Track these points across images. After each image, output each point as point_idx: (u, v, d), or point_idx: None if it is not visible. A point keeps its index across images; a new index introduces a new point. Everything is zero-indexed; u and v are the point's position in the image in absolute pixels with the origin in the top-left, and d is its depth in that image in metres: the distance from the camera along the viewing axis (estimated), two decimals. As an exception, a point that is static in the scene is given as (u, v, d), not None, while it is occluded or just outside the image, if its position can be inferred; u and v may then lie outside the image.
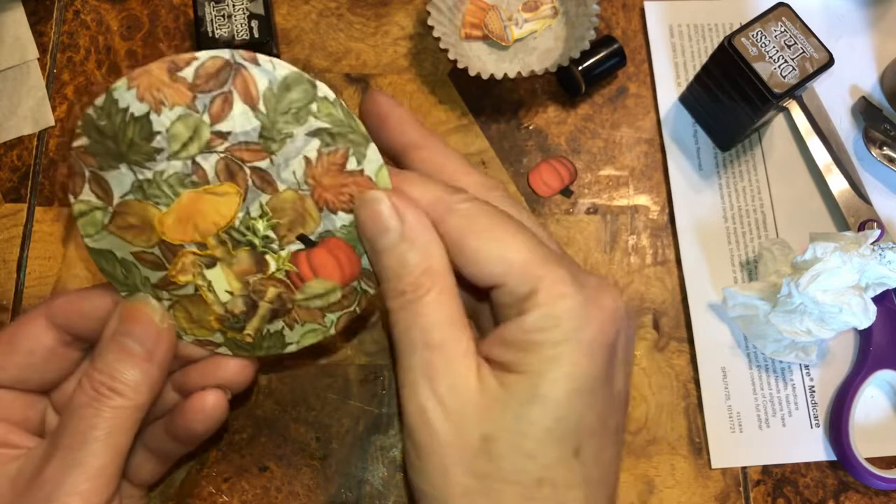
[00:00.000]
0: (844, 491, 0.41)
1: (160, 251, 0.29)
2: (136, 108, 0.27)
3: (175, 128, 0.27)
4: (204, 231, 0.29)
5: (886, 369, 0.42)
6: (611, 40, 0.46)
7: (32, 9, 0.48)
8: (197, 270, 0.29)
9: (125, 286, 0.30)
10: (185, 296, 0.30)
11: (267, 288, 0.30)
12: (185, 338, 0.31)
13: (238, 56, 0.27)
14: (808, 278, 0.38)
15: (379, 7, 0.49)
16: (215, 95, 0.27)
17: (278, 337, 0.31)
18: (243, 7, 0.44)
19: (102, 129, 0.28)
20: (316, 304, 0.30)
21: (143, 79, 0.27)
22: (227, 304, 0.30)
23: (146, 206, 0.29)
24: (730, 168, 0.46)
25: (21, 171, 0.45)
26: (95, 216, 0.29)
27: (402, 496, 0.40)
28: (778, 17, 0.41)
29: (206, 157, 0.28)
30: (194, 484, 0.40)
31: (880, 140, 0.46)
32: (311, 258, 0.29)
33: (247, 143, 0.28)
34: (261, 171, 0.28)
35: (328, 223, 0.29)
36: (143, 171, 0.28)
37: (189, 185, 0.28)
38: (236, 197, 0.29)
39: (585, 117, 0.47)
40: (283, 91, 0.27)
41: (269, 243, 0.29)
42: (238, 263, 0.29)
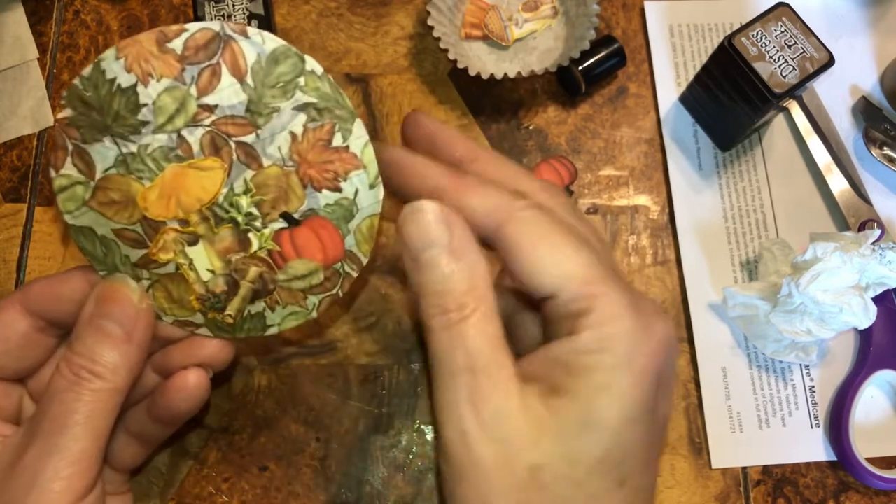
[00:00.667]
0: (844, 491, 0.41)
1: (141, 228, 0.29)
2: (124, 79, 0.27)
3: (162, 100, 0.27)
4: (187, 207, 0.28)
5: (886, 369, 0.42)
6: (611, 40, 0.46)
7: (32, 9, 0.48)
8: (178, 248, 0.29)
9: (104, 265, 0.29)
10: (166, 274, 0.29)
11: (249, 267, 0.29)
12: (164, 318, 0.30)
13: (228, 28, 0.27)
14: (808, 278, 0.38)
15: (379, 7, 0.49)
16: (203, 67, 0.27)
17: (259, 319, 0.30)
18: (243, 7, 0.44)
19: (88, 101, 0.27)
20: (298, 286, 0.29)
21: (132, 49, 0.27)
22: (209, 284, 0.29)
23: (129, 181, 0.28)
24: (730, 168, 0.46)
25: (21, 171, 0.45)
26: (76, 191, 0.28)
27: (402, 496, 0.40)
28: (778, 17, 0.41)
29: (191, 131, 0.27)
30: (194, 484, 0.40)
31: (880, 140, 0.46)
32: (294, 237, 0.29)
33: (233, 117, 0.27)
34: (246, 145, 0.28)
35: (312, 201, 0.28)
36: (127, 145, 0.27)
37: (173, 159, 0.28)
38: (221, 172, 0.28)
39: (585, 117, 0.47)
40: (271, 64, 0.27)
41: (251, 220, 0.29)
42: (220, 241, 0.29)
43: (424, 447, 0.41)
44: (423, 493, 0.40)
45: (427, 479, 0.40)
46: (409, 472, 0.41)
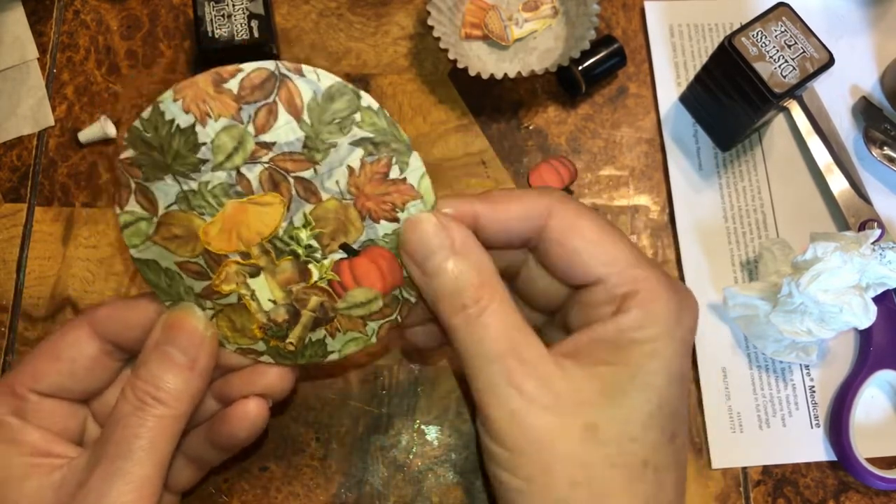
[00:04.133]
0: (845, 491, 0.41)
1: (204, 261, 0.29)
2: (182, 120, 0.28)
3: (220, 139, 0.28)
4: (248, 241, 0.29)
5: (887, 369, 0.42)
6: (611, 40, 0.46)
7: (32, 9, 0.48)
8: (240, 280, 0.30)
9: (169, 296, 0.30)
10: (229, 305, 0.30)
11: (309, 297, 0.30)
12: (227, 346, 0.30)
13: (283, 67, 0.27)
14: (808, 278, 0.38)
15: (379, 7, 0.49)
16: (260, 106, 0.28)
17: (320, 345, 0.31)
18: (243, 7, 0.44)
19: (148, 141, 0.28)
20: (357, 313, 0.30)
21: (189, 90, 0.27)
22: (270, 313, 0.30)
23: (191, 217, 0.29)
24: (730, 168, 0.46)
25: (21, 171, 0.45)
26: (140, 227, 0.29)
27: (402, 496, 0.40)
28: (778, 17, 0.41)
29: (250, 168, 0.28)
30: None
31: (881, 140, 0.46)
32: (353, 267, 0.30)
33: (291, 154, 0.28)
34: (304, 180, 0.28)
35: (371, 232, 0.29)
36: (188, 182, 0.28)
37: (233, 195, 0.29)
38: (280, 207, 0.29)
39: (585, 117, 0.47)
40: (327, 101, 0.28)
41: (311, 252, 0.29)
42: (281, 272, 0.30)
43: (424, 447, 0.41)
44: (423, 493, 0.40)
45: (427, 479, 0.40)
46: (409, 472, 0.40)
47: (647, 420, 0.26)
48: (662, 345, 0.26)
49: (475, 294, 0.26)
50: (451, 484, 0.40)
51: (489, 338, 0.26)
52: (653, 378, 0.26)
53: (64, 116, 0.46)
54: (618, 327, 0.26)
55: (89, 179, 0.44)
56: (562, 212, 0.28)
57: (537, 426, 0.25)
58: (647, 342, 0.26)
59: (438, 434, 0.41)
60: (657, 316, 0.26)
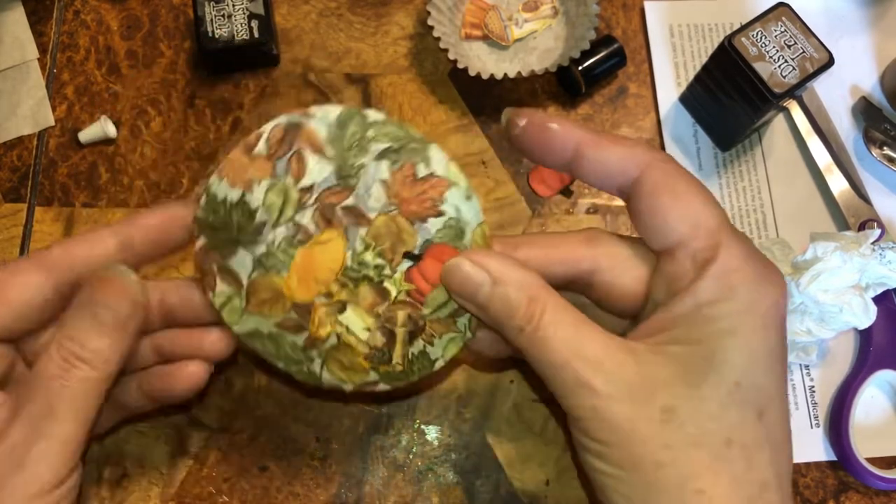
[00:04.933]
0: (844, 491, 0.41)
1: (296, 314, 0.31)
2: (233, 195, 0.30)
3: (268, 198, 0.30)
4: (325, 281, 0.31)
5: (886, 369, 0.42)
6: (611, 40, 0.46)
7: (32, 9, 0.48)
8: (332, 319, 0.31)
9: (279, 358, 0.31)
10: (332, 347, 0.31)
11: (396, 313, 0.31)
12: (345, 387, 0.32)
13: (292, 117, 0.30)
14: (808, 278, 0.38)
15: (379, 7, 0.49)
16: (289, 157, 0.30)
17: (424, 357, 0.31)
18: (243, 7, 0.44)
19: (213, 224, 0.30)
20: (444, 313, 0.31)
21: (229, 168, 0.30)
22: (369, 341, 0.31)
23: (271, 278, 0.31)
24: (730, 168, 0.46)
25: (21, 171, 0.45)
26: (234, 303, 0.31)
27: (402, 496, 0.40)
28: (778, 17, 0.41)
29: (302, 215, 0.30)
30: (194, 484, 0.40)
31: (880, 140, 0.46)
32: (422, 271, 0.31)
33: (330, 188, 0.30)
34: (350, 208, 0.30)
35: (424, 233, 0.30)
36: (257, 248, 0.31)
37: (297, 244, 0.31)
38: (340, 239, 0.31)
39: (585, 117, 0.47)
40: (341, 128, 0.30)
41: (381, 271, 0.31)
42: (364, 299, 0.31)
43: (424, 447, 0.41)
44: (423, 493, 0.40)
45: (427, 479, 0.40)
46: (409, 472, 0.41)
47: (725, 398, 0.26)
48: (740, 321, 0.26)
49: (526, 313, 0.27)
50: (451, 484, 0.40)
51: (551, 349, 0.27)
52: (730, 355, 0.26)
53: (64, 116, 0.46)
54: (695, 301, 0.26)
55: (89, 179, 0.45)
56: (660, 167, 0.28)
57: (617, 416, 0.26)
58: (724, 318, 0.26)
59: (438, 434, 0.41)
60: (734, 288, 0.26)
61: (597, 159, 0.28)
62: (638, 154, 0.28)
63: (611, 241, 0.30)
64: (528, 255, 0.29)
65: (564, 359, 0.27)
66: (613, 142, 0.28)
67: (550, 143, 0.29)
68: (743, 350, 0.26)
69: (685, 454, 0.25)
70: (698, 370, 0.26)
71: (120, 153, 0.45)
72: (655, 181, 0.27)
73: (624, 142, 0.28)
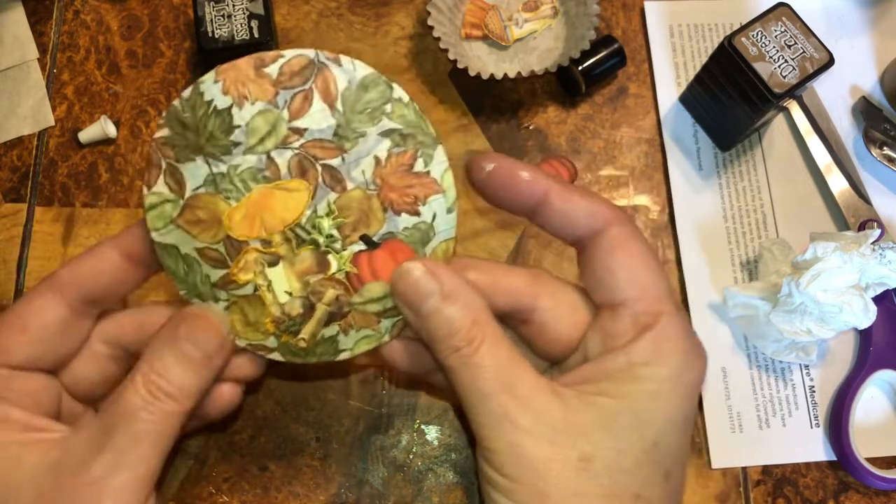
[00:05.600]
0: (844, 491, 0.41)
1: (224, 248, 0.29)
2: (220, 102, 0.28)
3: (255, 122, 0.28)
4: (270, 227, 0.29)
5: (886, 369, 0.42)
6: (611, 40, 0.46)
7: (32, 9, 0.48)
8: (258, 269, 0.29)
9: (185, 284, 0.30)
10: (243, 296, 0.30)
11: (326, 289, 0.30)
12: (238, 342, 0.30)
13: (322, 55, 0.28)
14: (808, 278, 0.38)
15: (379, 7, 0.49)
16: (296, 92, 0.28)
17: (332, 342, 0.30)
18: (243, 7, 0.44)
19: (185, 121, 0.28)
20: (373, 309, 0.30)
21: (230, 73, 0.28)
22: (285, 306, 0.30)
23: (216, 200, 0.29)
24: (730, 168, 0.46)
25: (21, 171, 0.45)
26: (165, 209, 0.29)
27: (402, 496, 0.40)
28: (778, 17, 0.41)
29: (280, 153, 0.29)
30: (194, 484, 0.40)
31: (880, 140, 0.46)
32: (371, 260, 0.30)
33: (321, 141, 0.29)
34: (332, 168, 0.29)
35: (391, 224, 0.29)
36: (217, 164, 0.29)
37: (261, 180, 0.29)
38: (306, 194, 0.29)
39: (585, 117, 0.47)
40: (361, 91, 0.29)
41: (332, 242, 0.29)
42: (300, 262, 0.30)
43: (424, 447, 0.41)
44: (423, 493, 0.40)
45: (427, 479, 0.40)
46: (409, 472, 0.41)
47: (640, 456, 0.26)
48: (667, 387, 0.27)
49: (467, 335, 0.27)
50: (451, 484, 0.40)
51: (482, 377, 0.27)
52: (651, 417, 0.27)
53: (64, 116, 0.46)
54: (628, 360, 0.27)
55: (89, 179, 0.45)
56: (621, 227, 0.29)
57: (534, 456, 0.26)
58: (652, 381, 0.27)
59: (438, 434, 0.41)
60: (666, 356, 0.27)
61: (564, 210, 0.29)
62: (604, 209, 0.29)
63: (553, 284, 0.30)
64: (476, 279, 0.29)
65: (493, 389, 0.26)
66: (581, 195, 0.29)
67: (517, 190, 0.29)
68: (665, 413, 0.27)
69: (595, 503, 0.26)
70: (620, 424, 0.26)
71: (120, 153, 0.45)
72: (614, 238, 0.28)
73: (591, 196, 0.29)
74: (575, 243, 0.30)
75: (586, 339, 0.29)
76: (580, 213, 0.29)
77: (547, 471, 0.26)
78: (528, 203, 0.29)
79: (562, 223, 0.29)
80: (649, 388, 0.27)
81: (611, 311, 0.28)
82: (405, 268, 0.28)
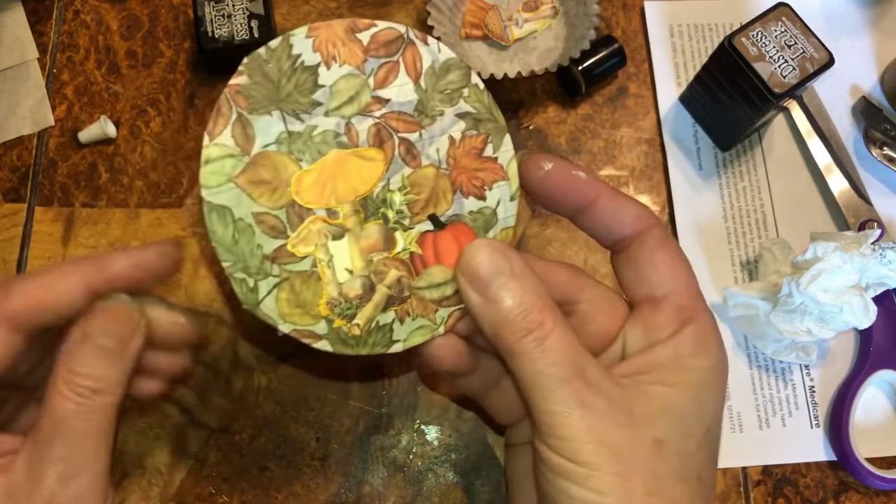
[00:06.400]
0: (845, 491, 0.41)
1: (286, 214, 0.27)
2: (309, 58, 0.28)
3: (339, 85, 0.28)
4: (341, 196, 0.28)
5: (886, 369, 0.42)
6: (611, 40, 0.46)
7: (32, 9, 0.48)
8: (321, 241, 0.28)
9: (232, 254, 0.27)
10: (297, 272, 0.28)
11: (389, 269, 0.29)
12: (281, 327, 0.28)
13: (412, 32, 0.29)
14: (808, 278, 0.38)
15: (379, 7, 0.49)
16: (384, 62, 0.28)
17: (386, 332, 0.29)
18: (243, 7, 0.44)
19: (267, 72, 0.27)
20: (432, 295, 0.29)
21: (323, 31, 0.28)
22: (343, 286, 0.28)
23: (286, 161, 0.27)
24: (730, 168, 0.46)
25: (21, 171, 0.45)
26: (225, 164, 0.27)
27: (402, 496, 0.40)
28: (778, 17, 0.41)
29: (361, 120, 0.28)
30: (194, 484, 0.40)
31: (881, 140, 0.46)
32: (437, 241, 0.29)
33: (402, 114, 0.29)
34: (409, 143, 0.29)
35: (458, 206, 0.29)
36: (294, 122, 0.27)
37: (338, 145, 0.28)
38: (382, 164, 0.28)
39: (585, 117, 0.47)
40: (443, 71, 0.29)
41: (401, 219, 0.29)
42: (366, 238, 0.28)
43: (424, 447, 0.41)
44: (423, 493, 0.40)
45: (427, 479, 0.40)
46: (409, 472, 0.40)
47: (701, 440, 0.27)
48: (713, 377, 0.28)
49: (539, 317, 0.27)
50: (451, 484, 0.40)
51: (557, 361, 0.26)
52: (705, 405, 0.28)
53: (64, 116, 0.46)
54: (676, 351, 0.28)
55: (89, 179, 0.44)
56: (660, 229, 0.30)
57: (614, 440, 0.26)
58: (702, 372, 0.28)
59: (438, 434, 0.41)
60: (709, 349, 0.28)
61: (613, 210, 0.30)
62: (647, 212, 0.30)
63: (590, 279, 0.31)
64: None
65: (569, 374, 0.26)
66: (627, 198, 0.30)
67: (573, 190, 0.30)
68: (714, 401, 0.28)
69: (671, 486, 0.26)
70: (682, 410, 0.27)
71: (120, 153, 0.45)
72: (659, 238, 0.30)
73: (635, 199, 0.30)
74: (615, 244, 0.30)
75: (625, 332, 0.30)
76: (628, 214, 0.30)
77: (629, 454, 0.26)
78: (581, 203, 0.30)
79: (611, 223, 0.30)
80: (699, 378, 0.28)
81: (652, 304, 0.29)
82: (477, 244, 0.28)
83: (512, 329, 0.27)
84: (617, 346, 0.30)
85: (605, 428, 0.26)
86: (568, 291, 0.30)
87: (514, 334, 0.27)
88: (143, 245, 0.33)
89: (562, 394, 0.26)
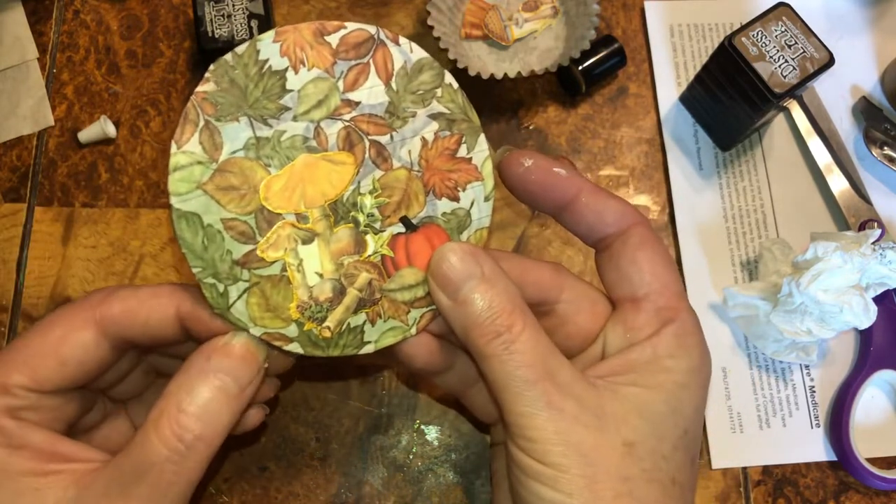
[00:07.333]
0: (845, 491, 0.41)
1: (255, 220, 0.27)
2: (276, 63, 0.27)
3: (308, 89, 0.28)
4: (310, 201, 0.28)
5: (887, 369, 0.42)
6: (611, 40, 0.46)
7: (32, 9, 0.48)
8: (290, 246, 0.28)
9: (201, 260, 0.27)
10: (267, 277, 0.28)
11: (360, 272, 0.29)
12: (252, 330, 0.28)
13: (383, 33, 0.28)
14: (808, 278, 0.38)
15: (379, 7, 0.49)
16: (354, 65, 0.28)
17: (357, 333, 0.29)
18: (243, 7, 0.44)
19: (234, 78, 0.27)
20: (404, 297, 0.29)
21: (290, 35, 0.27)
22: (314, 289, 0.28)
23: (254, 166, 0.27)
24: (730, 168, 0.46)
25: (21, 171, 0.45)
26: (193, 171, 0.27)
27: (402, 496, 0.40)
28: (778, 17, 0.41)
29: (330, 124, 0.28)
30: (194, 484, 0.40)
31: (881, 140, 0.46)
32: (409, 243, 0.29)
33: (372, 116, 0.28)
34: (380, 145, 0.28)
35: (430, 208, 0.29)
36: (262, 128, 0.27)
37: (307, 149, 0.28)
38: (352, 168, 0.28)
39: (585, 117, 0.47)
40: (415, 72, 0.29)
41: (372, 222, 0.29)
42: (336, 241, 0.28)
43: (424, 447, 0.41)
44: (423, 493, 0.40)
45: (427, 479, 0.40)
46: (409, 472, 0.40)
47: (676, 442, 0.27)
48: (692, 378, 0.28)
49: (508, 320, 0.27)
50: (451, 484, 0.40)
51: (525, 363, 0.26)
52: (682, 406, 0.28)
53: (64, 116, 0.46)
54: (654, 351, 0.28)
55: (89, 179, 0.44)
56: (644, 227, 0.30)
57: (582, 442, 0.26)
58: (680, 373, 0.28)
59: (438, 434, 0.41)
60: (688, 349, 0.28)
61: (595, 207, 0.29)
62: (631, 210, 0.30)
63: (573, 278, 0.31)
64: (507, 269, 0.29)
65: (537, 376, 0.26)
66: (609, 195, 0.30)
67: (553, 187, 0.29)
68: (692, 403, 0.28)
69: (641, 488, 0.26)
70: (657, 412, 0.27)
71: (120, 153, 0.45)
72: (642, 236, 0.29)
73: (617, 196, 0.30)
74: (598, 242, 0.30)
75: (606, 332, 0.30)
76: (610, 212, 0.29)
77: (597, 457, 0.26)
78: (562, 200, 0.30)
79: (593, 221, 0.30)
80: (677, 379, 0.28)
81: (633, 304, 0.29)
82: (447, 248, 0.28)
83: (481, 332, 0.27)
84: (597, 347, 0.30)
85: (573, 430, 0.26)
86: (548, 291, 0.30)
87: (484, 337, 0.27)
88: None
89: (530, 395, 0.26)
